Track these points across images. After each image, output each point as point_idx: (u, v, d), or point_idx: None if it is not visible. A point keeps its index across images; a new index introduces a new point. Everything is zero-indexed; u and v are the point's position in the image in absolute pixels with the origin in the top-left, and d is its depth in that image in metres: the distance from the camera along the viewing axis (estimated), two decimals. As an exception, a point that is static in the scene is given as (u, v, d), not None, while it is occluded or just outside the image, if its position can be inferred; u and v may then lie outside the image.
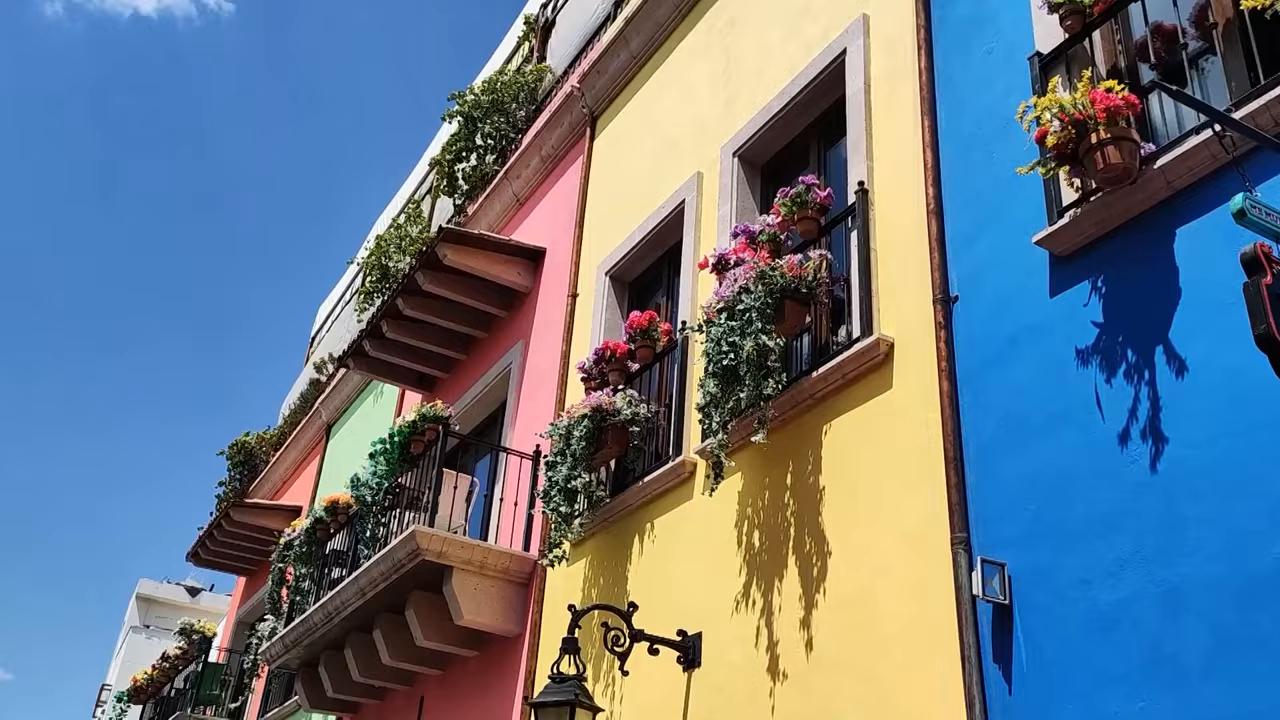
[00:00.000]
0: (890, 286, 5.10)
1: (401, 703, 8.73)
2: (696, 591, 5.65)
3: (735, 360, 5.23)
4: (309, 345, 19.46)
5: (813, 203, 5.67)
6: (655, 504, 6.29)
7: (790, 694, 4.79)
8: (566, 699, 4.86)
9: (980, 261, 4.62)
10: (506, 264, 9.27)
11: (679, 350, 6.63)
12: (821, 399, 5.22)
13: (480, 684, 7.64)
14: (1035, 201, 4.37)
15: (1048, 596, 3.81)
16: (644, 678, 5.68)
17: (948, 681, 4.02)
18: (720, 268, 5.79)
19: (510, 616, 7.35)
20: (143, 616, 36.18)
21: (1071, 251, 4.18)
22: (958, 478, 4.30)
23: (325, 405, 14.23)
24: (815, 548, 4.96)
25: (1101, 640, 3.57)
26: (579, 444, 6.44)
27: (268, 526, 13.89)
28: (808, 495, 5.12)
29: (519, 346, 9.03)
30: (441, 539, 7.13)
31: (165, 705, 14.18)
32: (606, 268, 7.98)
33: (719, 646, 5.34)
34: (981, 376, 4.41)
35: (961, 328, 4.59)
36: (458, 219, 11.01)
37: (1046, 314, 4.22)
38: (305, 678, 9.19)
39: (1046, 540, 3.88)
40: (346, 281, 17.42)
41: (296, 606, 9.39)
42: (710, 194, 6.98)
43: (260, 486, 16.09)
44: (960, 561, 4.11)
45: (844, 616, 4.65)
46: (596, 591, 6.57)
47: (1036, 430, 4.08)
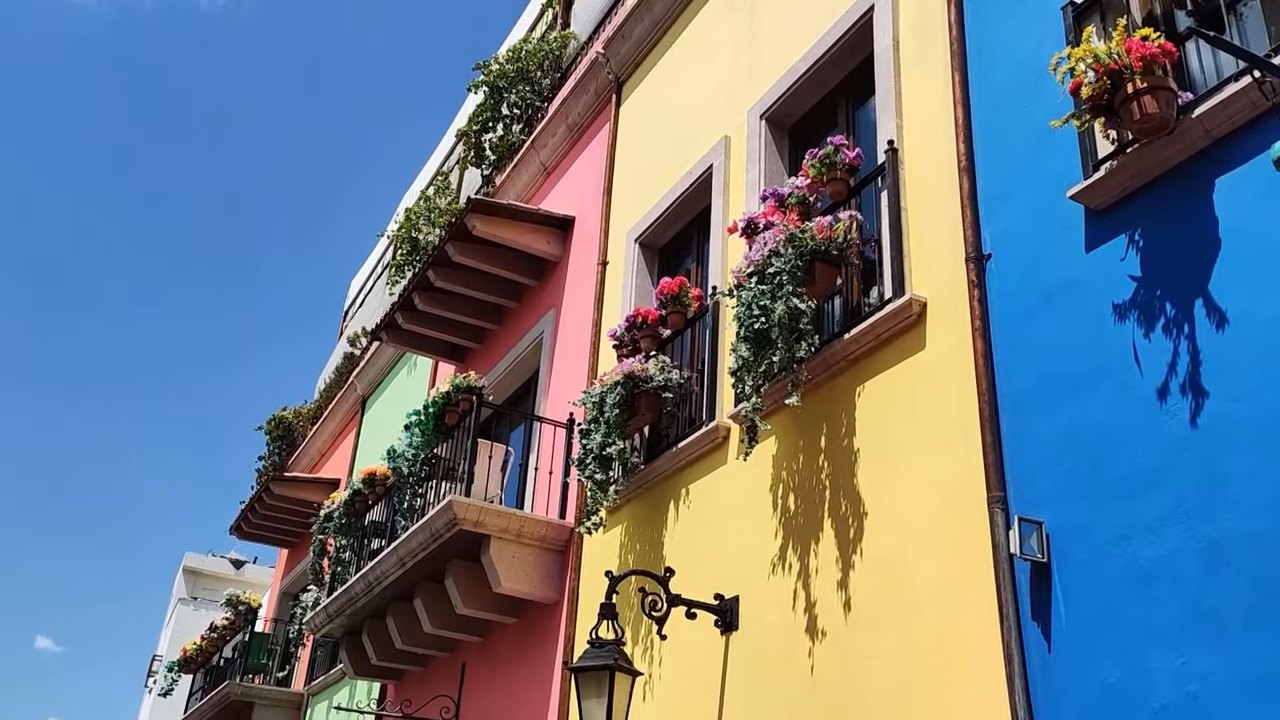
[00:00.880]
0: (922, 246, 5.05)
1: (444, 670, 8.86)
2: (732, 555, 5.67)
3: (767, 324, 5.21)
4: (342, 319, 19.62)
5: (842, 163, 5.61)
6: (690, 469, 6.31)
7: (827, 654, 4.81)
8: (606, 663, 4.90)
9: (1013, 218, 4.56)
10: (536, 233, 9.27)
11: (710, 315, 6.61)
12: (854, 361, 5.20)
13: (520, 650, 7.73)
14: (1070, 155, 4.30)
15: (1086, 553, 3.78)
16: (682, 641, 5.72)
17: (985, 640, 4.02)
18: (749, 232, 5.76)
19: (548, 583, 7.42)
20: (190, 589, 36.91)
21: (1108, 205, 4.11)
22: (993, 436, 4.27)
23: (360, 378, 14.36)
24: (851, 509, 4.95)
25: (1141, 596, 3.55)
26: (612, 411, 6.46)
27: (307, 499, 14.08)
28: (842, 457, 5.11)
29: (550, 315, 9.05)
30: (478, 508, 7.19)
31: (215, 674, 14.48)
32: (636, 234, 7.96)
33: (756, 609, 5.37)
34: (1016, 334, 4.37)
35: (995, 286, 4.54)
36: (486, 190, 11.01)
37: (1082, 269, 4.16)
38: (349, 646, 9.35)
39: (1085, 497, 3.85)
40: (377, 255, 17.51)
41: (338, 577, 9.54)
42: (738, 158, 6.92)
43: (299, 460, 16.31)
44: (997, 520, 4.09)
45: (880, 577, 4.66)
46: (633, 557, 6.62)
47: (1073, 387, 4.04)
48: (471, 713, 8.21)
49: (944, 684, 4.16)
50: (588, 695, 4.92)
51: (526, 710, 7.36)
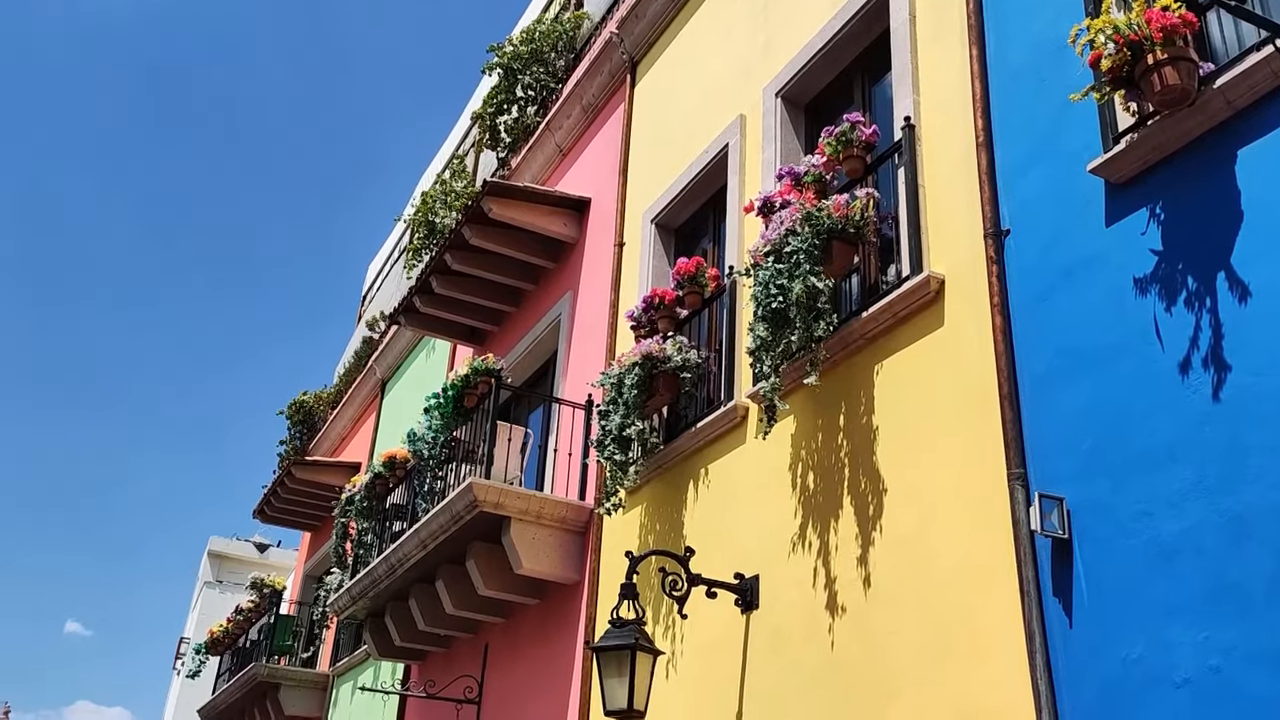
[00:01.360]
0: (939, 223, 5.02)
1: (467, 650, 8.93)
2: (752, 534, 5.68)
3: (784, 303, 5.20)
4: (360, 304, 19.70)
5: (858, 141, 5.58)
6: (709, 449, 6.32)
7: (848, 632, 4.82)
8: (627, 643, 4.93)
9: (1032, 193, 4.52)
10: (552, 215, 9.26)
11: (727, 295, 6.60)
12: (872, 339, 5.18)
13: (542, 630, 7.79)
14: (1089, 128, 4.26)
15: (1108, 529, 3.77)
16: (703, 620, 5.75)
17: (1007, 616, 4.02)
18: (766, 211, 5.74)
19: (569, 564, 7.46)
20: (215, 572, 37.31)
21: (1128, 179, 4.07)
22: (1013, 413, 4.26)
23: (379, 362, 14.43)
24: (870, 487, 4.95)
25: (1164, 571, 3.54)
26: (631, 392, 6.47)
27: (329, 483, 14.18)
28: (861, 435, 5.11)
29: (567, 297, 9.06)
30: (498, 490, 7.23)
31: (241, 656, 14.65)
32: (652, 215, 7.94)
33: (776, 588, 5.38)
34: (1035, 310, 4.34)
35: (1014, 262, 4.52)
36: (501, 172, 11.01)
37: (1102, 244, 4.13)
38: (373, 628, 9.43)
39: (1106, 473, 3.84)
40: (394, 239, 17.56)
41: (361, 559, 9.61)
42: (754, 136, 6.89)
43: (320, 444, 16.41)
44: (1017, 497, 4.08)
45: (901, 555, 4.66)
46: (653, 538, 6.64)
47: (1093, 363, 4.02)
48: (494, 692, 8.28)
49: (965, 660, 4.16)
50: (609, 674, 4.95)
51: (549, 689, 7.42)
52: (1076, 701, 3.69)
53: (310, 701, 13.04)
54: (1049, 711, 3.71)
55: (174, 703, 34.33)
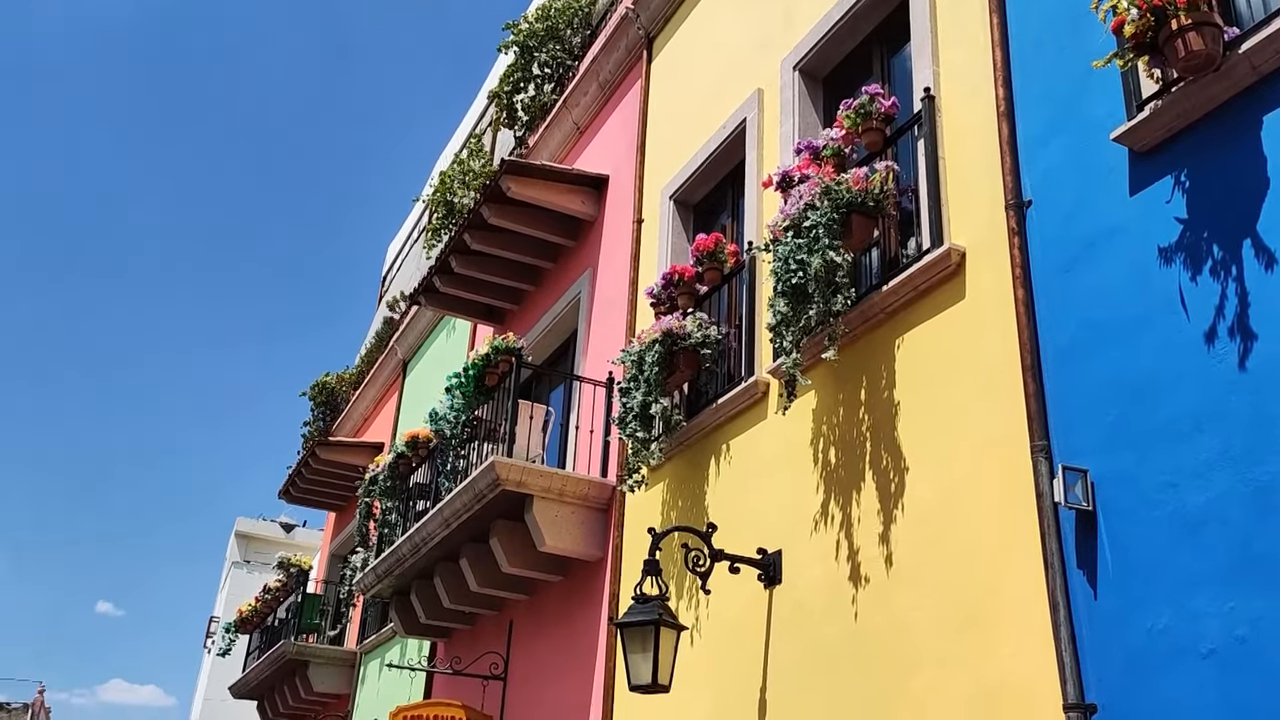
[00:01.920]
0: (960, 195, 4.98)
1: (491, 627, 9.01)
2: (775, 510, 5.69)
3: (804, 278, 5.18)
4: (381, 284, 19.76)
5: (877, 113, 5.53)
6: (730, 425, 6.32)
7: (871, 607, 4.83)
8: (650, 619, 4.96)
9: (1055, 163, 4.47)
10: (570, 193, 9.25)
11: (747, 271, 6.58)
12: (893, 313, 5.16)
13: (566, 607, 7.84)
14: (1113, 96, 4.21)
15: (1133, 501, 3.75)
16: (726, 596, 5.77)
17: (1031, 589, 4.01)
18: (784, 185, 5.71)
19: (592, 541, 7.49)
20: (242, 552, 37.73)
21: (1152, 146, 4.02)
22: (1036, 386, 4.23)
23: (400, 343, 14.49)
24: (892, 462, 4.94)
25: (1189, 542, 3.52)
26: (651, 369, 6.47)
27: (352, 463, 14.29)
28: (883, 410, 5.09)
29: (587, 275, 9.06)
30: (520, 468, 7.26)
31: (270, 634, 14.83)
32: (670, 191, 7.92)
33: (799, 563, 5.39)
34: (1058, 282, 4.31)
35: (1036, 233, 4.47)
36: (519, 151, 10.99)
37: (1126, 213, 4.08)
38: (399, 606, 9.52)
39: (1130, 445, 3.81)
40: (414, 220, 17.58)
41: (385, 539, 9.69)
42: (772, 111, 6.84)
43: (343, 425, 16.53)
44: (1041, 470, 4.06)
45: (923, 529, 4.65)
46: (675, 514, 6.66)
47: (1117, 334, 3.98)
48: (520, 668, 8.35)
49: (988, 634, 4.16)
50: (633, 650, 4.98)
51: (573, 665, 7.48)
52: (1102, 673, 3.68)
53: (339, 678, 13.20)
54: (1074, 683, 3.71)
55: (205, 680, 34.83)
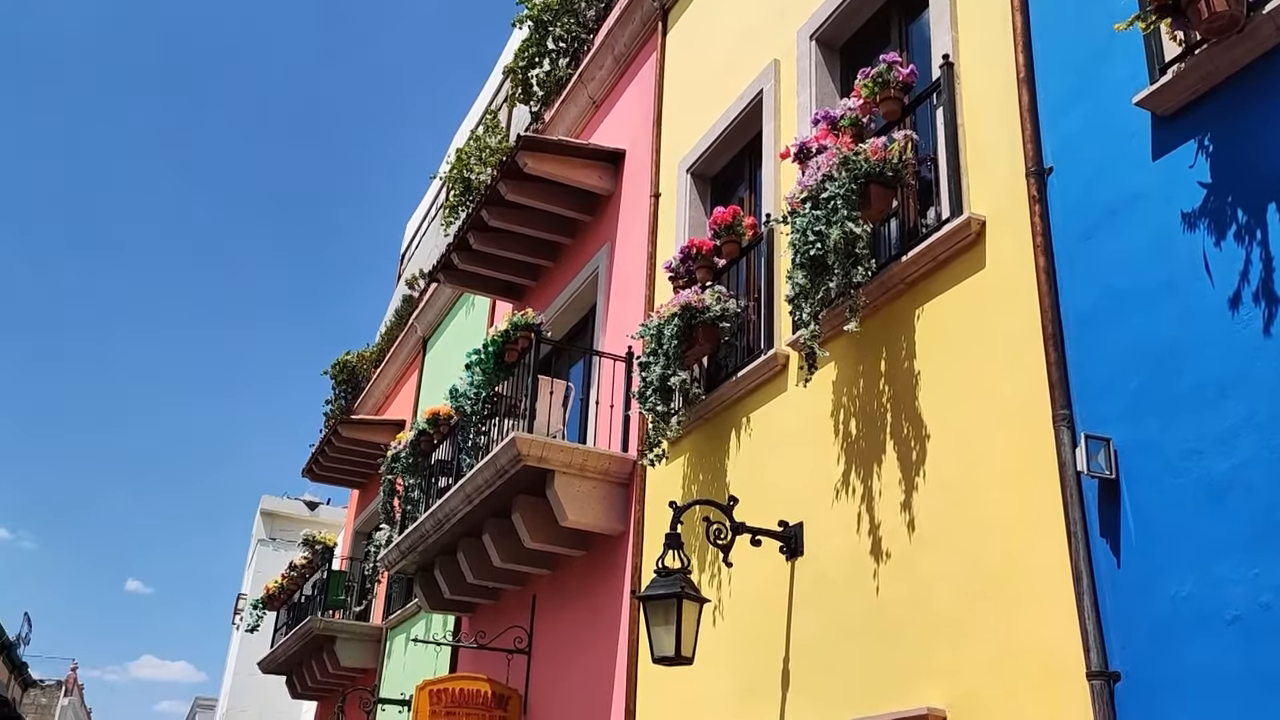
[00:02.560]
0: (980, 163, 4.93)
1: (515, 602, 9.08)
2: (796, 482, 5.69)
3: (822, 250, 5.15)
4: (400, 262, 19.81)
5: (895, 81, 5.48)
6: (750, 398, 6.32)
7: (893, 577, 4.84)
8: (673, 592, 4.98)
9: (1076, 129, 4.42)
10: (587, 168, 9.22)
11: (765, 243, 6.56)
12: (913, 283, 5.13)
13: (589, 581, 7.89)
14: (1135, 60, 4.15)
15: (1156, 468, 3.73)
16: (748, 568, 5.79)
17: (1053, 558, 4.00)
18: (802, 157, 5.67)
19: (613, 516, 7.52)
20: (268, 530, 38.09)
21: (1175, 111, 3.97)
22: (1057, 354, 4.21)
23: (420, 320, 14.54)
24: (913, 432, 4.93)
25: (1213, 509, 3.50)
26: (671, 343, 6.47)
27: (374, 441, 14.38)
28: (903, 381, 5.08)
29: (605, 250, 9.04)
30: (541, 444, 7.29)
31: (297, 611, 15.00)
32: (687, 165, 7.88)
33: (820, 535, 5.40)
34: (1080, 250, 4.27)
35: (1057, 200, 4.43)
36: (535, 126, 10.96)
37: (1149, 179, 4.04)
38: (423, 581, 9.61)
39: (1153, 412, 3.79)
40: (431, 197, 17.59)
41: (408, 515, 9.76)
42: (788, 81, 6.79)
43: (364, 403, 16.62)
44: (1063, 439, 4.05)
45: (945, 499, 4.65)
46: (696, 487, 6.68)
47: (1140, 301, 3.95)
48: (544, 642, 8.42)
49: (1011, 603, 4.16)
50: (656, 623, 5.02)
51: (597, 639, 7.53)
52: (1125, 640, 3.68)
53: (365, 653, 13.35)
54: (1097, 651, 3.71)
55: (235, 656, 35.28)
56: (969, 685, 4.26)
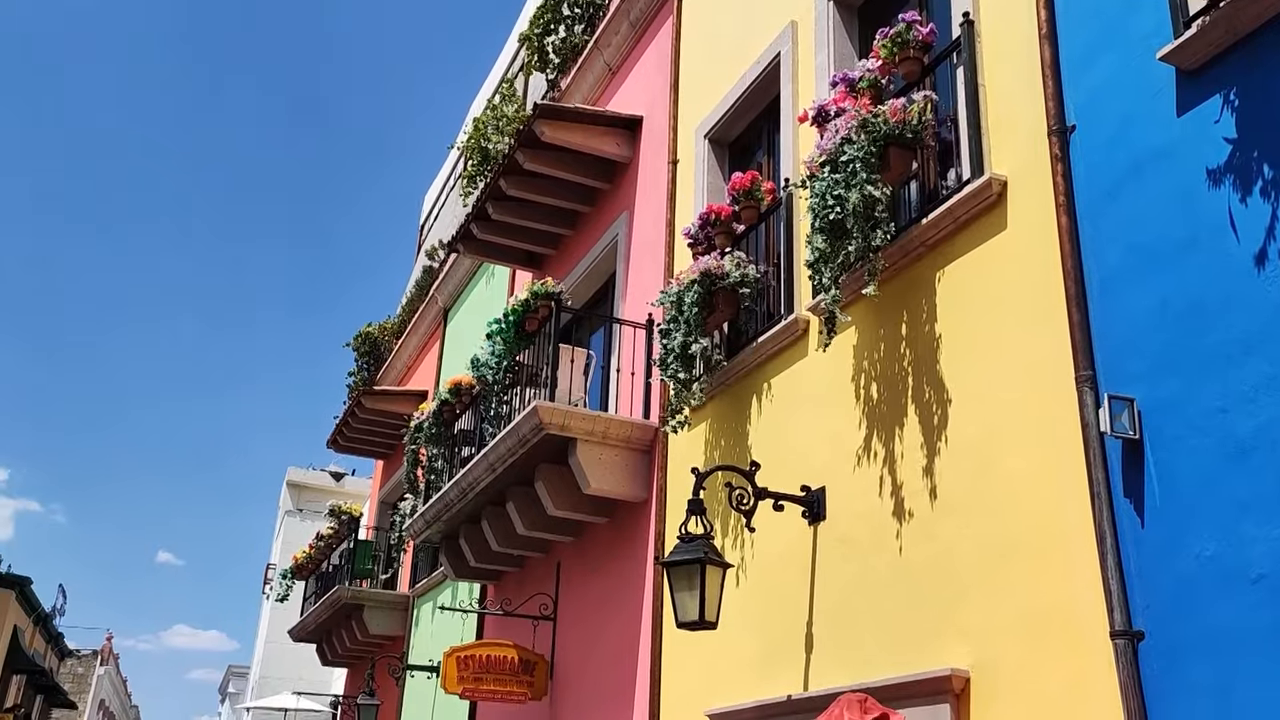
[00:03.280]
0: (1001, 123, 4.88)
1: (540, 569, 9.16)
2: (817, 447, 5.70)
3: (841, 214, 5.12)
4: (419, 233, 19.83)
5: (914, 41, 5.41)
6: (771, 364, 6.31)
7: (916, 540, 4.84)
8: (696, 557, 5.01)
9: (1099, 86, 4.36)
10: (604, 135, 9.18)
11: (784, 208, 6.52)
12: (933, 246, 5.09)
13: (613, 548, 7.94)
14: (1159, 13, 4.08)
15: (1181, 428, 3.71)
16: (770, 533, 5.81)
17: (1077, 519, 4.00)
18: (820, 120, 5.62)
19: (636, 482, 7.56)
20: (295, 501, 38.50)
21: (1200, 65, 3.90)
22: (1080, 315, 4.17)
23: (440, 291, 14.57)
24: (935, 395, 4.92)
25: (1239, 468, 3.48)
26: (691, 309, 6.46)
27: (397, 411, 14.48)
28: (924, 344, 5.06)
29: (624, 217, 9.02)
30: (563, 412, 7.32)
31: (325, 580, 15.20)
32: (705, 130, 7.83)
33: (842, 499, 5.41)
34: (1103, 208, 4.22)
35: (1080, 158, 4.38)
36: (552, 94, 10.90)
37: (1173, 135, 3.98)
38: (448, 550, 9.70)
39: (1178, 371, 3.76)
40: (449, 167, 17.57)
41: (432, 485, 9.84)
42: (806, 43, 6.72)
43: (387, 374, 16.72)
44: (1086, 399, 4.03)
45: (968, 461, 4.64)
46: (718, 453, 6.69)
47: (1164, 259, 3.91)
48: (569, 608, 8.50)
49: (1034, 563, 4.16)
50: (680, 588, 5.05)
51: (621, 604, 7.60)
52: (1149, 600, 3.68)
53: (393, 621, 13.52)
54: (1121, 610, 3.71)
55: (266, 625, 35.83)
56: (992, 646, 4.28)
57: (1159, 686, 3.57)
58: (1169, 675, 3.55)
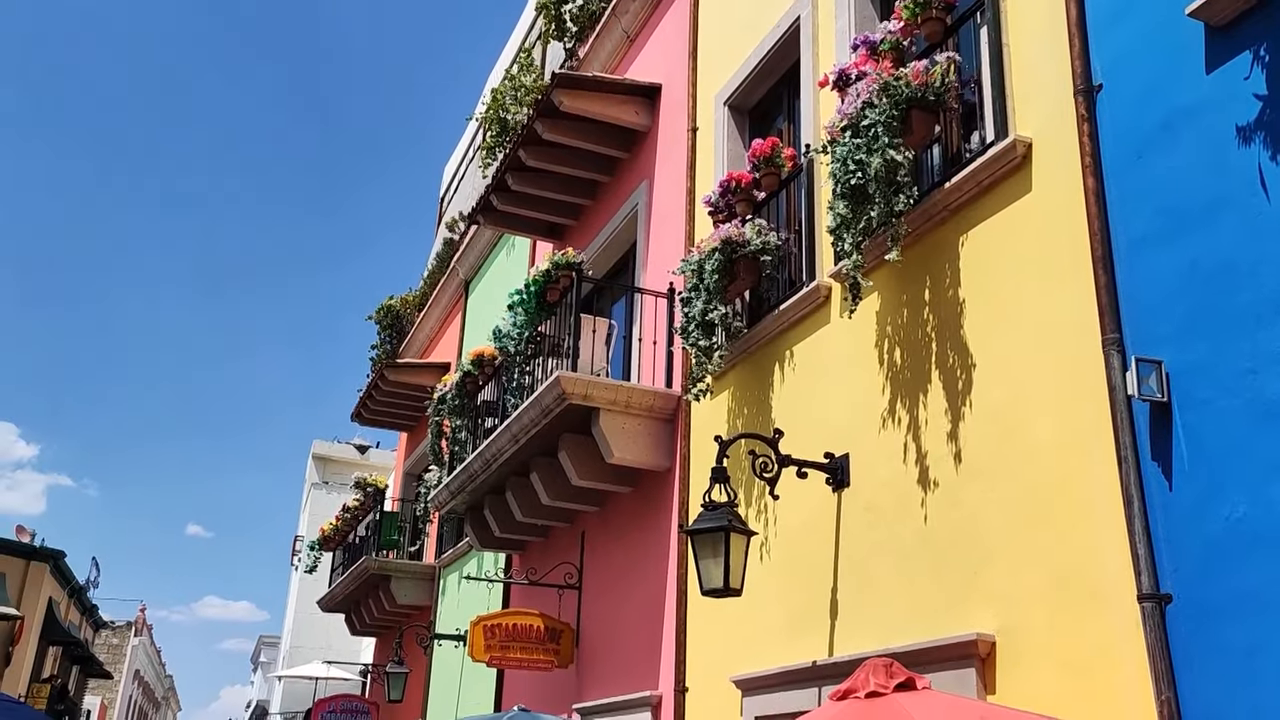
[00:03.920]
0: (1025, 83, 4.80)
1: (564, 539, 9.21)
2: (841, 413, 5.68)
3: (863, 179, 5.07)
4: (439, 206, 19.83)
5: (937, 1, 5.33)
6: (793, 331, 6.29)
7: (941, 506, 4.83)
8: (720, 525, 5.02)
9: (1126, 43, 4.28)
10: (623, 104, 9.13)
11: (805, 174, 6.47)
12: (957, 210, 5.04)
13: (637, 517, 7.97)
14: (1186, -31, 3.99)
15: (1210, 390, 3.67)
16: (794, 500, 5.81)
17: (1103, 483, 3.97)
18: (841, 84, 5.56)
19: (659, 451, 7.57)
20: (320, 474, 38.88)
21: (1230, 19, 3.82)
22: (1107, 277, 4.12)
23: (461, 263, 14.59)
24: (959, 361, 4.89)
25: (1269, 429, 3.44)
26: (712, 278, 6.44)
27: (420, 384, 14.55)
28: (948, 309, 5.02)
29: (643, 186, 8.98)
30: (585, 382, 7.33)
31: (352, 551, 15.36)
32: (724, 97, 7.77)
33: (867, 465, 5.40)
34: (1130, 169, 4.16)
35: (1107, 118, 4.31)
36: (570, 63, 10.84)
37: (1202, 92, 3.91)
38: (473, 521, 9.77)
39: (1207, 333, 3.72)
40: (468, 139, 17.53)
41: (456, 456, 9.90)
42: (826, 6, 6.63)
43: (409, 346, 16.79)
44: (1113, 362, 3.99)
45: (993, 426, 4.62)
46: (741, 421, 6.69)
47: (1193, 219, 3.85)
48: (594, 577, 8.56)
49: (1060, 528, 4.15)
50: (704, 556, 5.06)
51: (646, 573, 7.63)
52: (1177, 563, 3.66)
53: (420, 591, 13.67)
54: (1148, 574, 3.69)
55: (295, 595, 36.30)
56: (1018, 610, 4.27)
57: (1187, 649, 3.55)
58: (1197, 638, 3.54)
